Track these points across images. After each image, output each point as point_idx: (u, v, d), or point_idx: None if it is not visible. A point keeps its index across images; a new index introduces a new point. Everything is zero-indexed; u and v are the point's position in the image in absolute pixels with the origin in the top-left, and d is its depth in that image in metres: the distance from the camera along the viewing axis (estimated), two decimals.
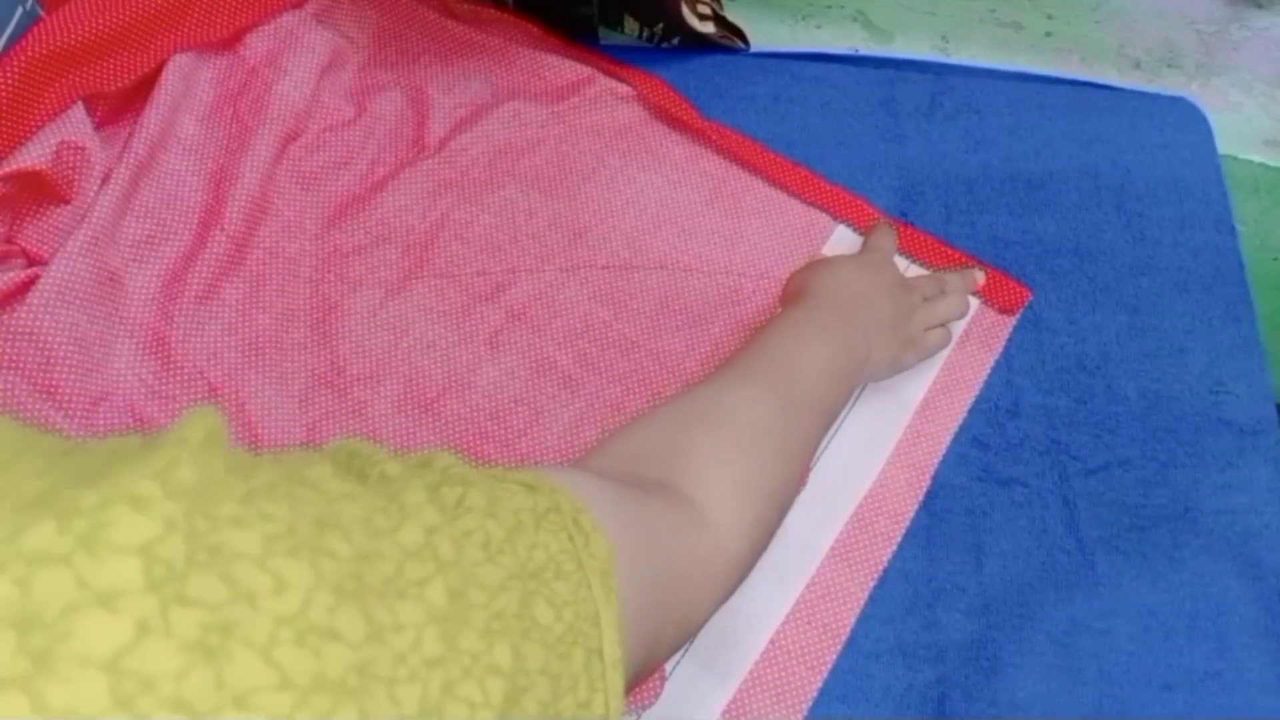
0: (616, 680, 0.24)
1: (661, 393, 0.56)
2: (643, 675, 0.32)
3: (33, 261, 0.53)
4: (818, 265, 0.55)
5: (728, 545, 0.36)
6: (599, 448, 0.40)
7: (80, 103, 0.54)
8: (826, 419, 0.46)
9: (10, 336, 0.49)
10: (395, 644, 0.18)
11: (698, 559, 0.34)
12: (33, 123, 0.52)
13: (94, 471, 0.17)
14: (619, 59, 0.65)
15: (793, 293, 0.54)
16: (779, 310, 0.55)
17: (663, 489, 0.36)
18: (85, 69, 0.54)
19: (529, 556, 0.23)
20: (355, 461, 0.24)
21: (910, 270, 0.60)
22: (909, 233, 0.61)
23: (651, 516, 0.32)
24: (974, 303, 0.59)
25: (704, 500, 0.36)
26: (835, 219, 0.61)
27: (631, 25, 0.67)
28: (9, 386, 0.48)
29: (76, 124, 0.54)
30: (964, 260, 0.60)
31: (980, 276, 0.58)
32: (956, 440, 0.56)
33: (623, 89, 0.64)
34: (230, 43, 0.61)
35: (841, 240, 0.61)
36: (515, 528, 0.24)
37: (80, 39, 0.53)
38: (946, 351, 0.57)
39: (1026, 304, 0.59)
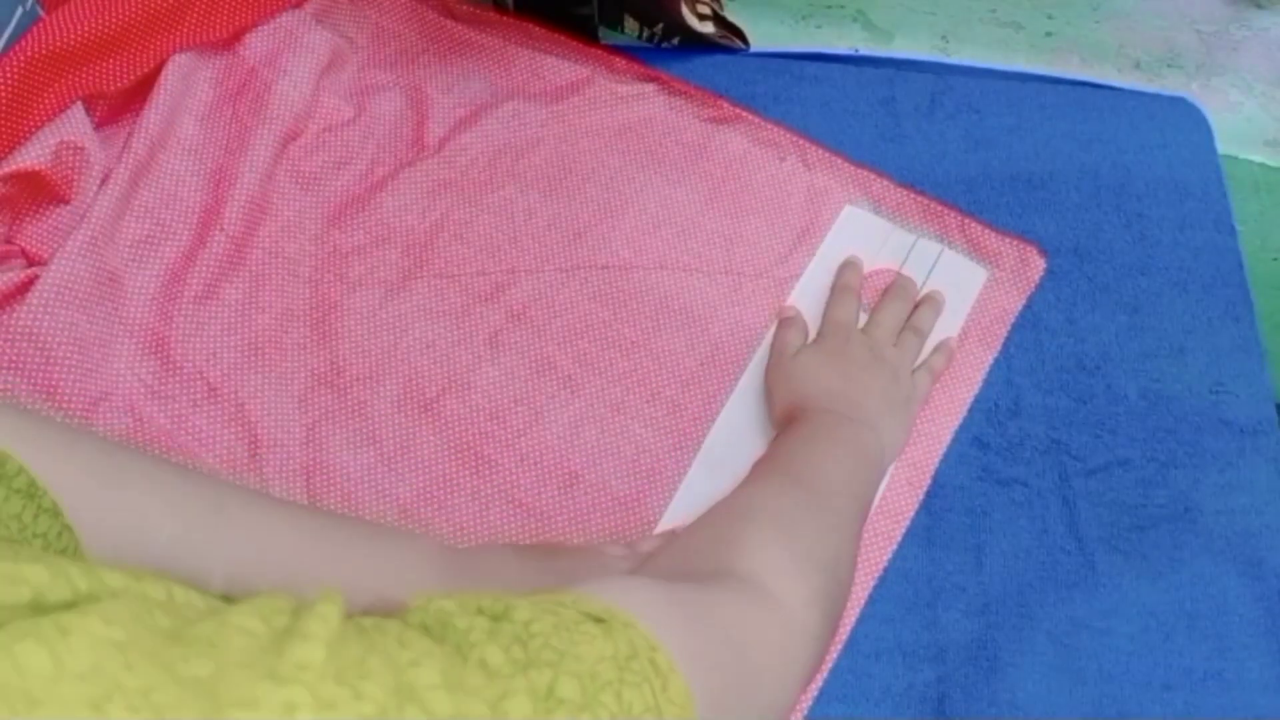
0: None
1: (661, 392, 0.56)
2: None
3: (32, 261, 0.53)
4: (790, 375, 0.54)
5: (799, 618, 0.36)
6: (650, 561, 0.42)
7: (80, 103, 0.54)
8: (858, 504, 0.47)
9: (10, 336, 0.49)
10: None
11: (771, 644, 0.34)
12: (32, 123, 0.52)
13: (210, 691, 0.17)
14: (623, 52, 0.65)
15: (783, 414, 0.54)
16: (775, 434, 0.54)
17: (721, 575, 0.36)
18: (85, 69, 0.54)
19: None
20: (450, 634, 0.25)
21: (892, 237, 0.60)
22: (905, 196, 0.61)
23: (719, 614, 0.33)
24: (982, 273, 0.60)
25: (765, 576, 0.37)
26: (851, 200, 0.62)
27: (631, 25, 0.67)
28: (9, 386, 0.48)
29: (76, 124, 0.54)
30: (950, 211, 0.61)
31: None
32: (956, 440, 0.56)
33: (623, 89, 0.64)
34: (230, 43, 0.61)
35: (837, 242, 0.61)
36: (597, 696, 0.24)
37: (80, 39, 0.53)
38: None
39: (1025, 298, 0.60)
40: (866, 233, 0.61)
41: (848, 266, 0.59)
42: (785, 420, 0.53)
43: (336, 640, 0.20)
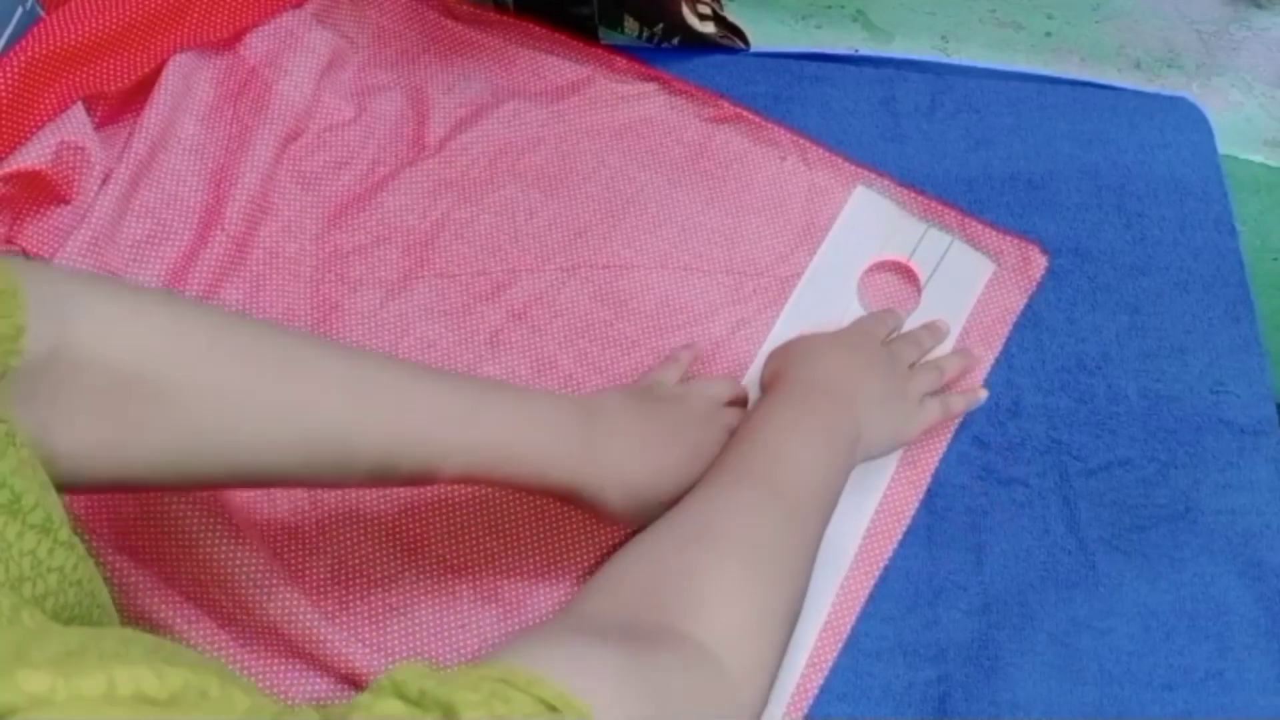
0: None
1: None
2: None
3: None
4: (793, 347, 0.52)
5: (745, 694, 0.34)
6: (594, 585, 0.39)
7: (80, 103, 0.54)
8: (826, 515, 0.44)
9: None
10: None
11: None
12: (33, 123, 0.52)
13: None
14: (623, 52, 0.65)
15: (771, 377, 0.52)
16: (760, 398, 0.51)
17: (667, 637, 0.34)
18: (85, 69, 0.55)
19: None
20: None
21: (903, 225, 0.60)
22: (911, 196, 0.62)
23: (668, 693, 0.31)
24: (990, 266, 0.60)
25: (714, 645, 0.34)
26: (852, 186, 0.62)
27: (631, 25, 0.67)
28: None
29: (76, 124, 0.54)
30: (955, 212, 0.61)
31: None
32: (957, 439, 0.56)
33: (623, 89, 0.64)
34: (230, 43, 0.61)
35: (850, 224, 0.60)
36: None
37: (80, 39, 0.53)
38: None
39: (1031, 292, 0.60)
40: (878, 217, 0.61)
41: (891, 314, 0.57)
42: (770, 385, 0.51)
43: None
